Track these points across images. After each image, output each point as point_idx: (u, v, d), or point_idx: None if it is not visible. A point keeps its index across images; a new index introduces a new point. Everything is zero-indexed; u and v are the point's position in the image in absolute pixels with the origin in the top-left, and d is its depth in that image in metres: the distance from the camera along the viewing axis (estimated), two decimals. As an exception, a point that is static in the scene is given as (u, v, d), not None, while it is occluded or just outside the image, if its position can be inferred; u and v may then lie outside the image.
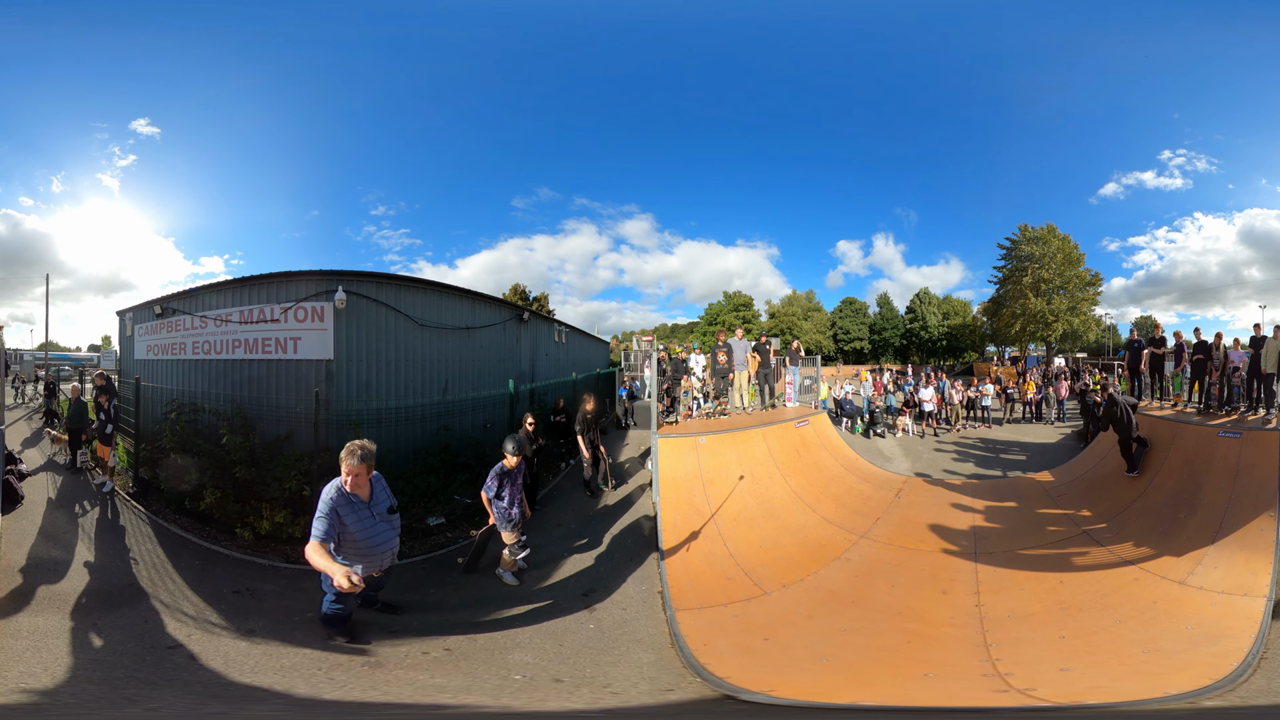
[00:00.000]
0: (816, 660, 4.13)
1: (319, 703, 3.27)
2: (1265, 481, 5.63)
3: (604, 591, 5.03)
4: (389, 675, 3.63)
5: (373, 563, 3.86)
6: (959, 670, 3.87)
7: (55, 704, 3.09)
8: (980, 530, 6.80)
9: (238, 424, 7.10)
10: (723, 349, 9.17)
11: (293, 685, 3.43)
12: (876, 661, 4.08)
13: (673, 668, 3.93)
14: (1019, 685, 3.52)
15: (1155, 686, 3.41)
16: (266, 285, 8.14)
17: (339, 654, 3.88)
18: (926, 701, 3.52)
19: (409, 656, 3.90)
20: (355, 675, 3.61)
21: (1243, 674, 3.48)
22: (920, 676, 3.84)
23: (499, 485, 5.12)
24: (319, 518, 3.56)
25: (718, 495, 6.66)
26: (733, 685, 3.60)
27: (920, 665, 3.98)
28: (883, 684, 3.78)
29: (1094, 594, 4.90)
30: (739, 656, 4.08)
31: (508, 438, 5.22)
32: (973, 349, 41.78)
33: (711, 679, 3.69)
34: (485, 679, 3.65)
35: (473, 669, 3.78)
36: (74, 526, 5.98)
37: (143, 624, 4.12)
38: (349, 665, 3.74)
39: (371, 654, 3.92)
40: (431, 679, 3.61)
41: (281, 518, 6.06)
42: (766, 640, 4.45)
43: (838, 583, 5.50)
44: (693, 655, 3.96)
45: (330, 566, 3.29)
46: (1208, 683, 3.37)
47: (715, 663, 3.87)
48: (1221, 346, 8.35)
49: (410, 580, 5.34)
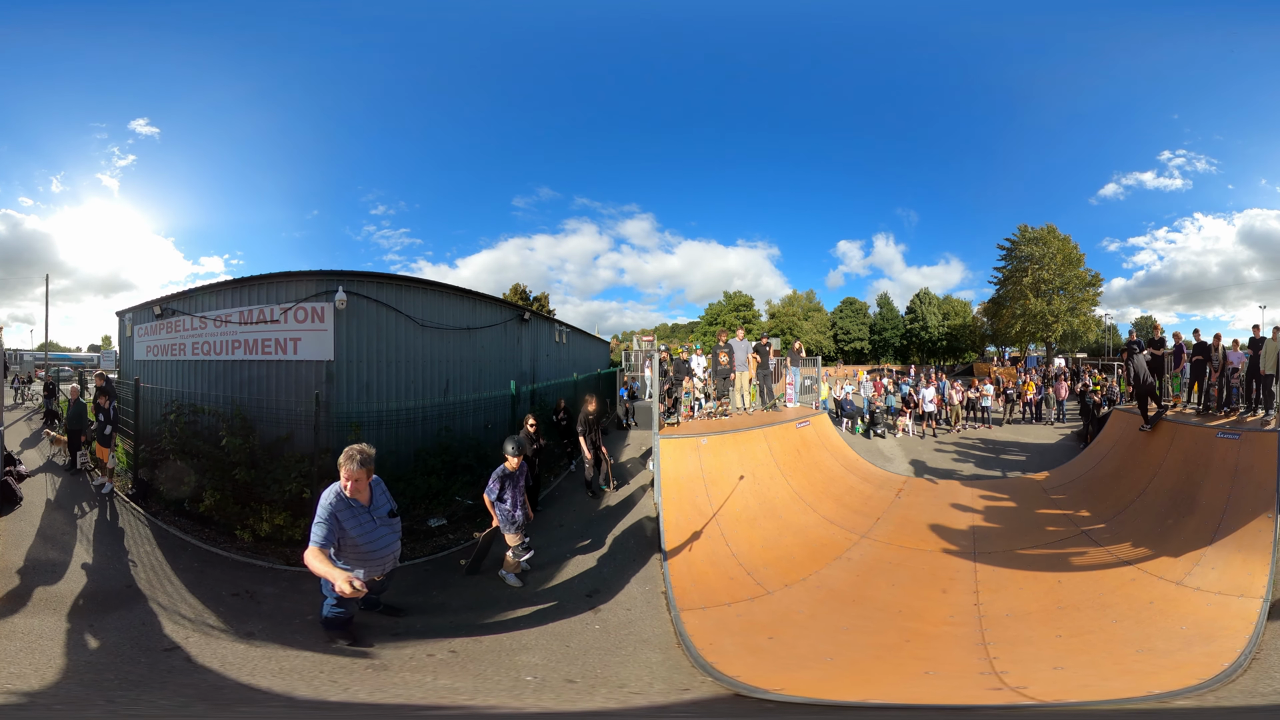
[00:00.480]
0: (821, 659, 4.20)
1: (325, 704, 3.26)
2: (1263, 483, 5.71)
3: (608, 592, 5.07)
4: (395, 678, 3.63)
5: (374, 567, 3.87)
6: (957, 668, 3.95)
7: (34, 704, 3.07)
8: (979, 530, 6.90)
9: (237, 425, 7.13)
10: (724, 349, 9.23)
11: (293, 687, 3.43)
12: (878, 660, 4.16)
13: (681, 667, 3.98)
14: (1012, 683, 3.60)
15: (1141, 686, 3.48)
16: (266, 286, 8.17)
17: (341, 656, 3.88)
18: (926, 699, 3.60)
19: (414, 659, 3.90)
20: (359, 678, 3.61)
21: (1232, 674, 3.53)
22: (920, 674, 3.92)
23: (501, 487, 5.15)
24: (318, 523, 3.56)
25: (719, 495, 6.73)
26: (745, 684, 3.66)
27: (920, 663, 4.06)
28: (885, 682, 3.85)
29: (1091, 594, 4.99)
30: (745, 655, 4.15)
31: (508, 439, 5.24)
32: (973, 349, 41.99)
33: (723, 678, 3.75)
34: (496, 680, 3.67)
35: (481, 670, 3.80)
36: (72, 528, 6.01)
37: (140, 626, 4.14)
38: (351, 668, 3.75)
39: (375, 656, 3.92)
40: (438, 681, 3.61)
41: (281, 520, 6.08)
42: (771, 639, 4.53)
43: (839, 582, 5.58)
44: (700, 655, 4.02)
45: (331, 572, 3.28)
46: (1194, 682, 3.43)
47: (722, 662, 3.93)
48: (1220, 348, 8.45)
49: (413, 582, 5.36)
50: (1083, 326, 35.13)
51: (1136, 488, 7.16)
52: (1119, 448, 8.74)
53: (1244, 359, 8.13)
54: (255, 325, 8.12)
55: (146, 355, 9.70)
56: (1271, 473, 5.72)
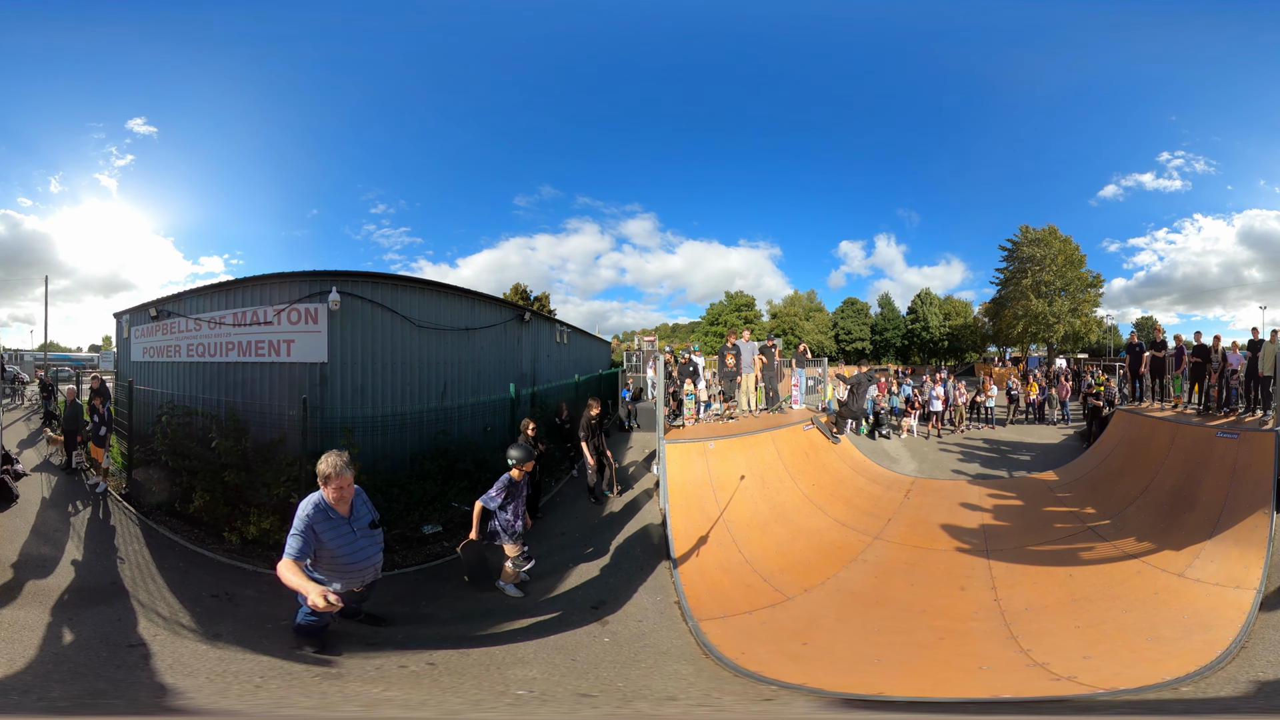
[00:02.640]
0: (868, 661, 4.30)
1: (208, 711, 3.24)
2: (1260, 480, 6.13)
3: (615, 603, 5.03)
4: (340, 687, 3.55)
5: (353, 579, 3.81)
6: (1003, 662, 4.16)
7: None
8: (990, 528, 7.23)
9: (229, 428, 7.23)
10: (731, 350, 9.34)
11: (204, 686, 3.44)
12: (924, 659, 4.30)
13: (720, 677, 3.93)
14: (1061, 673, 3.83)
15: (1155, 673, 3.77)
16: (260, 287, 8.26)
17: (296, 664, 3.83)
18: (1005, 693, 3.76)
19: (380, 670, 3.82)
20: (294, 684, 3.54)
21: (1221, 661, 3.87)
22: (975, 670, 4.09)
23: (505, 496, 5.04)
24: (294, 535, 3.52)
25: (728, 500, 6.87)
26: (837, 691, 3.69)
27: (966, 659, 4.25)
28: (947, 680, 3.96)
29: (1101, 586, 5.35)
30: (787, 662, 4.17)
31: (513, 446, 5.17)
32: (974, 350, 42.89)
33: (793, 686, 3.74)
34: (475, 696, 3.55)
35: (458, 684, 3.67)
36: (65, 525, 6.19)
37: (115, 622, 4.27)
38: (299, 675, 3.67)
39: (335, 665, 3.85)
40: (387, 693, 3.50)
41: (269, 524, 6.13)
42: (805, 645, 4.58)
43: (858, 584, 5.78)
44: (737, 664, 4.08)
45: (304, 585, 3.23)
46: (1194, 669, 3.74)
47: (767, 670, 3.98)
48: (1220, 349, 8.87)
49: (401, 591, 5.31)
50: (1084, 327, 36.05)
51: (1140, 485, 7.56)
52: (1122, 447, 9.17)
53: (1243, 360, 8.53)
54: (248, 327, 8.20)
55: (143, 357, 9.78)
56: (1268, 471, 6.14)
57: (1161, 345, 10.25)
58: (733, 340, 9.52)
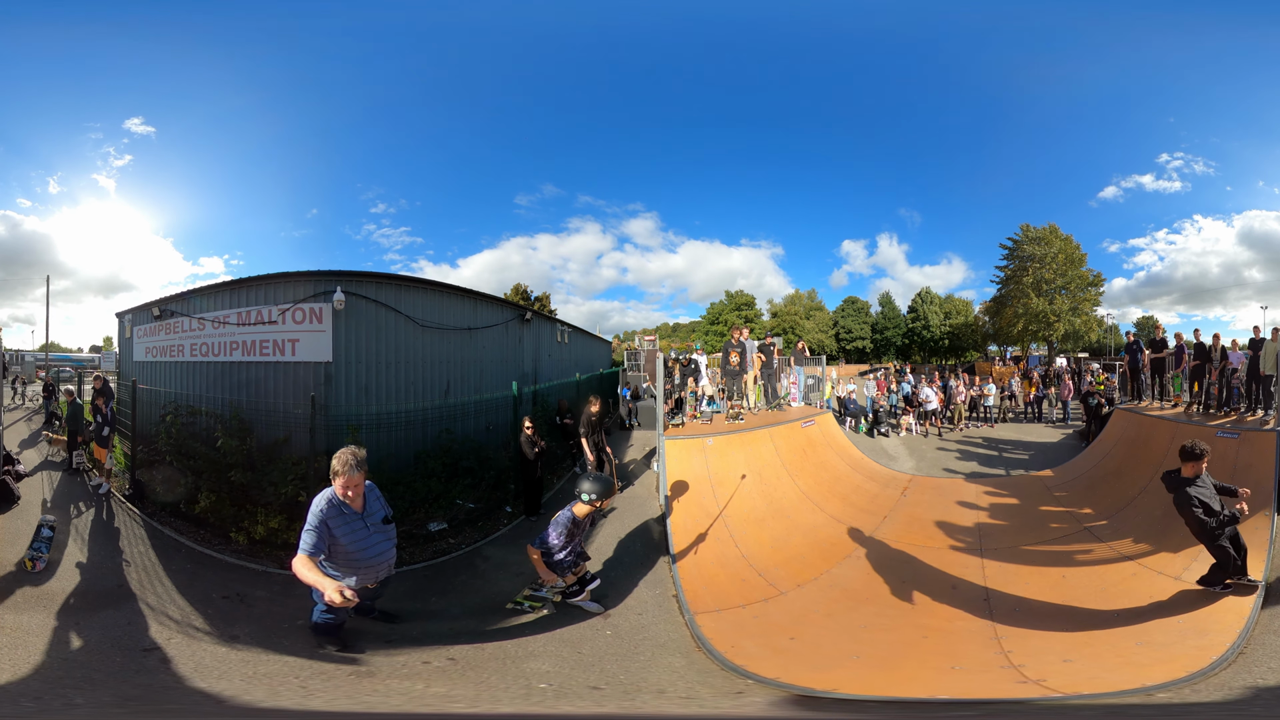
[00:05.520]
0: (847, 657, 4.32)
1: (277, 712, 3.18)
2: (1261, 481, 5.99)
3: (617, 597, 5.09)
4: (380, 684, 3.56)
5: (367, 575, 3.82)
6: (979, 662, 4.11)
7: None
8: (985, 527, 7.16)
9: (234, 427, 7.22)
10: (735, 348, 9.27)
11: (248, 690, 3.38)
12: (903, 656, 4.27)
13: (709, 671, 3.98)
14: (1032, 676, 3.78)
15: (1137, 678, 3.65)
16: (264, 286, 8.27)
17: (325, 663, 3.83)
18: (961, 693, 3.72)
19: (406, 666, 3.84)
20: (335, 684, 3.54)
21: (1215, 667, 3.72)
22: (948, 669, 4.06)
23: (568, 538, 4.54)
24: (308, 530, 3.51)
25: (726, 497, 6.85)
26: (801, 686, 3.66)
27: (942, 658, 4.21)
28: (917, 678, 3.94)
29: (1095, 588, 5.24)
30: (771, 656, 4.20)
31: (586, 478, 4.55)
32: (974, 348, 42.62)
33: (768, 681, 3.74)
34: (504, 689, 3.59)
35: (484, 678, 3.72)
36: (68, 527, 6.10)
37: (125, 626, 4.18)
38: (332, 674, 3.68)
39: (363, 663, 3.85)
40: (431, 689, 3.53)
41: (276, 523, 6.11)
42: (793, 640, 4.61)
43: (851, 580, 5.75)
44: (725, 658, 4.09)
45: (320, 581, 3.24)
46: (1183, 675, 3.61)
47: (751, 664, 4.00)
48: (1220, 348, 8.76)
49: (411, 588, 5.33)
50: (1084, 326, 35.78)
51: (1138, 485, 7.44)
52: (1120, 446, 9.06)
53: (1243, 359, 8.42)
54: (253, 326, 8.22)
55: (146, 356, 9.80)
56: (1269, 471, 6.02)
57: (1161, 344, 10.12)
58: (737, 337, 9.45)
